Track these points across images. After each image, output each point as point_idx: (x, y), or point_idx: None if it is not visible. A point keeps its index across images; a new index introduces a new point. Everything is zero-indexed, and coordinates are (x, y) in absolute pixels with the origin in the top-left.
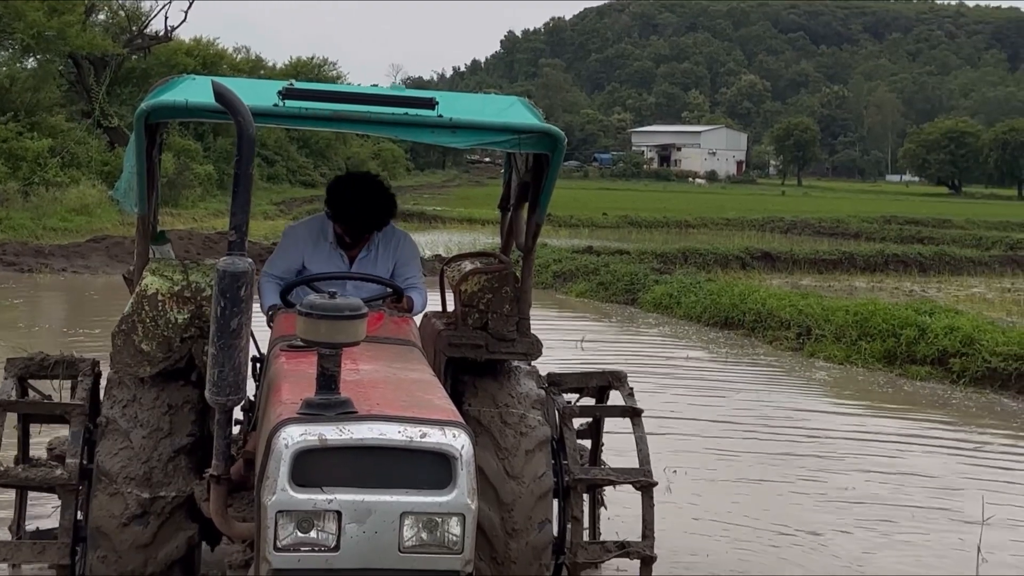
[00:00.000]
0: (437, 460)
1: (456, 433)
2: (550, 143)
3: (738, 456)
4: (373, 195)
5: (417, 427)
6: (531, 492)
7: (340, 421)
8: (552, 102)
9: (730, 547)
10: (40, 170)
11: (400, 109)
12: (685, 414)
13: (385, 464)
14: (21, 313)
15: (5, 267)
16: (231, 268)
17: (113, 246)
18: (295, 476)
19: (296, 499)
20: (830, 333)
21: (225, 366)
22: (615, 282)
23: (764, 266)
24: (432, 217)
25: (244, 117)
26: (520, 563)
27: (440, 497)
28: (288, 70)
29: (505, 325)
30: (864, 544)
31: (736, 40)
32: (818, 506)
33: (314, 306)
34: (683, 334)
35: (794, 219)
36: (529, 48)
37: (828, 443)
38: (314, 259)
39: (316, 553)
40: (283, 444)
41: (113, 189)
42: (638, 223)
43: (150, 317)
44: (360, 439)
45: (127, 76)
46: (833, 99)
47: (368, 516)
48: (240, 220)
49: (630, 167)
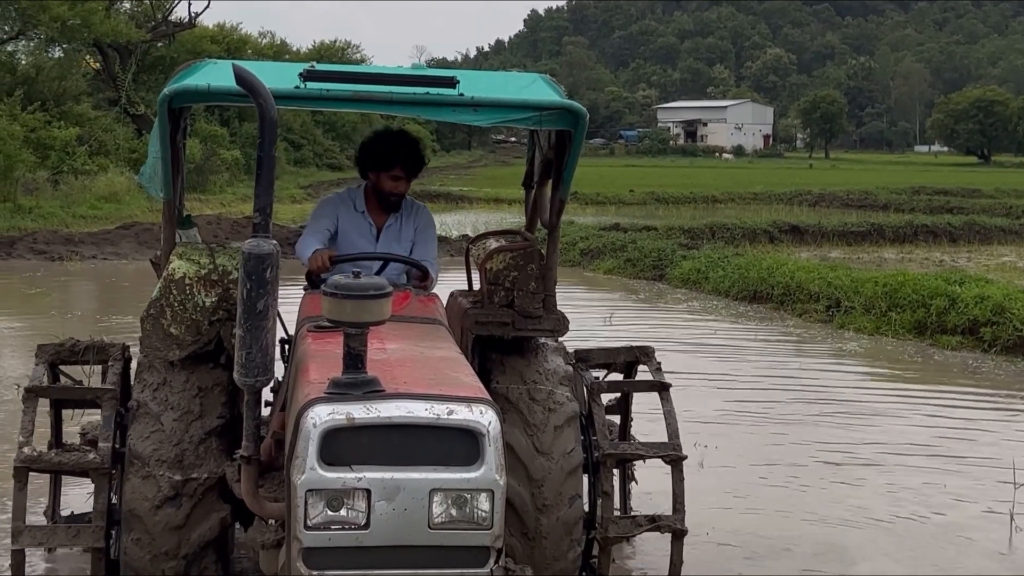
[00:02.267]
0: (465, 437)
1: (483, 410)
2: (572, 119)
3: (769, 429)
4: (406, 142)
5: (444, 404)
6: (560, 468)
7: (367, 400)
8: (576, 80)
9: (763, 522)
10: (68, 159)
11: (421, 88)
12: (715, 388)
13: (413, 442)
14: (52, 300)
15: (36, 255)
16: (256, 250)
17: (142, 232)
18: (324, 455)
19: (325, 478)
20: (860, 305)
21: (252, 347)
22: (642, 258)
23: (792, 239)
24: (458, 197)
25: (265, 100)
26: (551, 538)
27: (469, 473)
28: (312, 54)
29: (531, 302)
30: (899, 514)
31: (761, 13)
32: (853, 479)
33: (339, 286)
34: (712, 309)
35: (822, 192)
36: (552, 27)
37: (860, 415)
38: (346, 224)
39: (346, 531)
40: (311, 424)
41: (139, 174)
42: (665, 199)
43: (178, 301)
44: (388, 417)
45: (153, 64)
46: (859, 70)
47: (397, 493)
48: (264, 202)
49: (656, 143)
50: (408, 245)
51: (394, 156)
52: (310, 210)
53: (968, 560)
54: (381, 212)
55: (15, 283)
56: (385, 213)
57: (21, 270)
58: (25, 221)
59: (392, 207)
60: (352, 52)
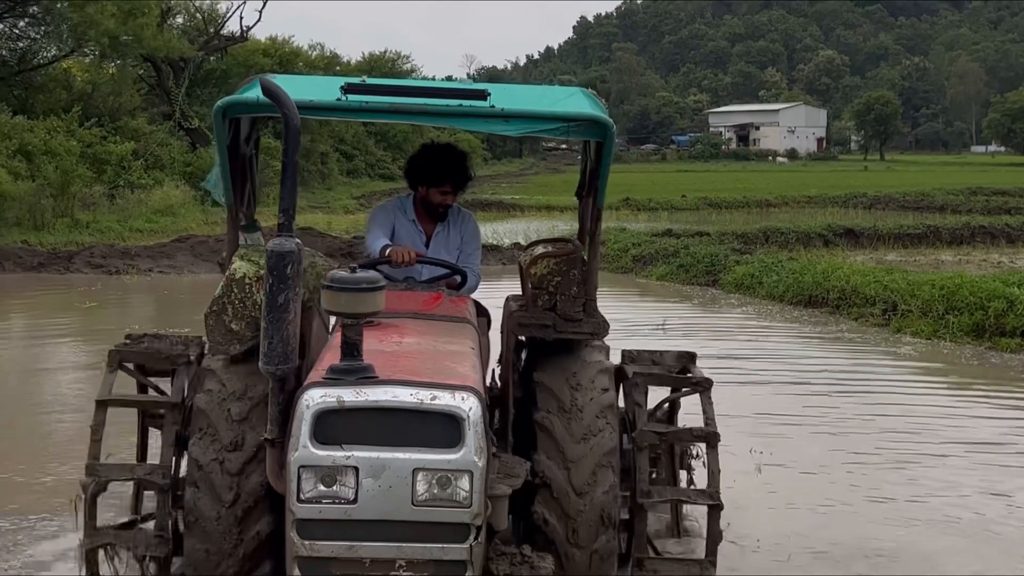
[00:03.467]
0: (447, 421)
1: (465, 396)
2: (600, 130)
3: (827, 432)
4: (453, 156)
5: (429, 391)
6: (594, 452)
7: (359, 385)
8: (626, 86)
9: (831, 524)
10: (124, 173)
11: (454, 101)
12: (772, 395)
13: (399, 424)
14: (111, 314)
15: (93, 269)
16: (279, 248)
17: (197, 245)
18: (316, 434)
19: (316, 455)
20: (916, 308)
21: (274, 338)
22: (695, 264)
23: (847, 242)
24: (510, 206)
25: (289, 110)
26: (584, 519)
27: (450, 455)
28: (362, 65)
29: (572, 306)
30: (973, 516)
31: (812, 15)
32: (909, 482)
33: (335, 279)
34: (766, 313)
35: (877, 194)
36: (602, 33)
37: (918, 418)
38: (400, 231)
39: (336, 505)
40: (305, 405)
41: (204, 180)
42: (718, 204)
43: (239, 299)
44: (375, 401)
45: (206, 77)
46: (914, 71)
47: (383, 472)
48: (287, 204)
49: (708, 148)
50: (455, 252)
51: (443, 172)
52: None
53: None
54: (429, 220)
55: (73, 296)
56: (433, 221)
57: (79, 284)
58: (83, 235)
59: (440, 217)
60: (402, 63)
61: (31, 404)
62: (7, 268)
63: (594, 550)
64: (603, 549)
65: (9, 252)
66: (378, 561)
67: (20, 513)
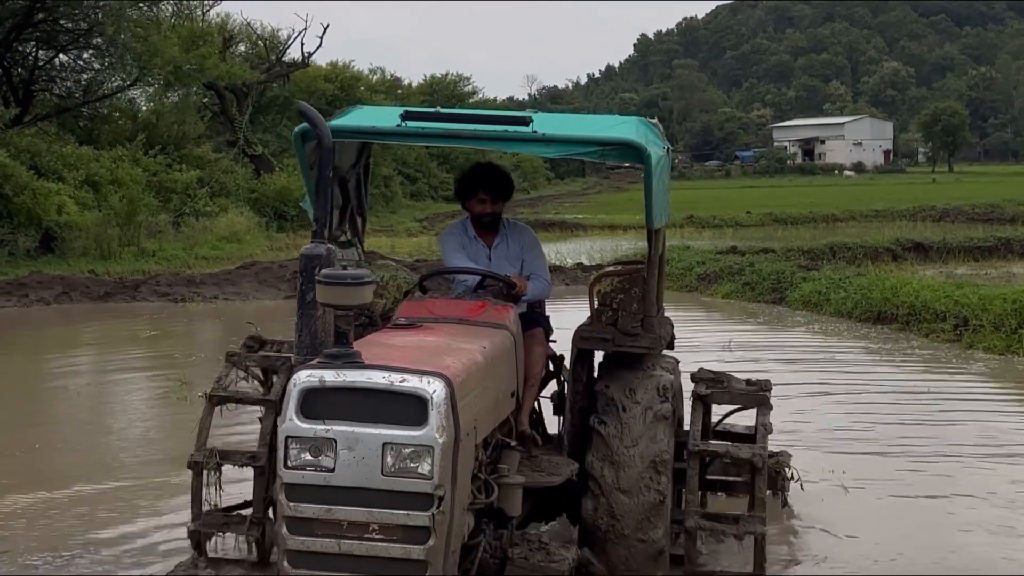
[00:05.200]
0: (413, 402)
1: (431, 380)
2: (635, 154)
3: (903, 455)
4: (485, 170)
5: (399, 374)
6: (642, 456)
7: (341, 368)
8: (688, 103)
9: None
10: (190, 201)
11: (500, 127)
12: (842, 414)
13: (372, 403)
14: (178, 341)
15: (160, 297)
16: (309, 252)
17: (261, 271)
18: (304, 410)
19: (301, 427)
20: (988, 323)
21: (303, 332)
22: (761, 281)
23: (916, 257)
24: (573, 225)
25: (322, 130)
26: (629, 518)
27: (414, 431)
28: (424, 88)
29: (631, 321)
30: None
31: (875, 27)
32: (986, 502)
33: (326, 275)
34: (834, 331)
35: (946, 207)
36: (662, 50)
37: (994, 436)
38: (466, 250)
39: (317, 472)
40: (293, 384)
41: (302, 200)
42: (783, 219)
43: None
44: (351, 382)
45: (269, 104)
46: (980, 81)
47: (357, 444)
48: (320, 213)
49: (773, 163)
50: (517, 262)
51: (476, 183)
52: (425, 243)
53: None
54: (487, 234)
55: (139, 325)
56: (490, 234)
57: (145, 312)
58: (149, 264)
59: (490, 227)
60: (463, 84)
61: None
62: (74, 298)
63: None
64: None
65: (77, 282)
66: (354, 524)
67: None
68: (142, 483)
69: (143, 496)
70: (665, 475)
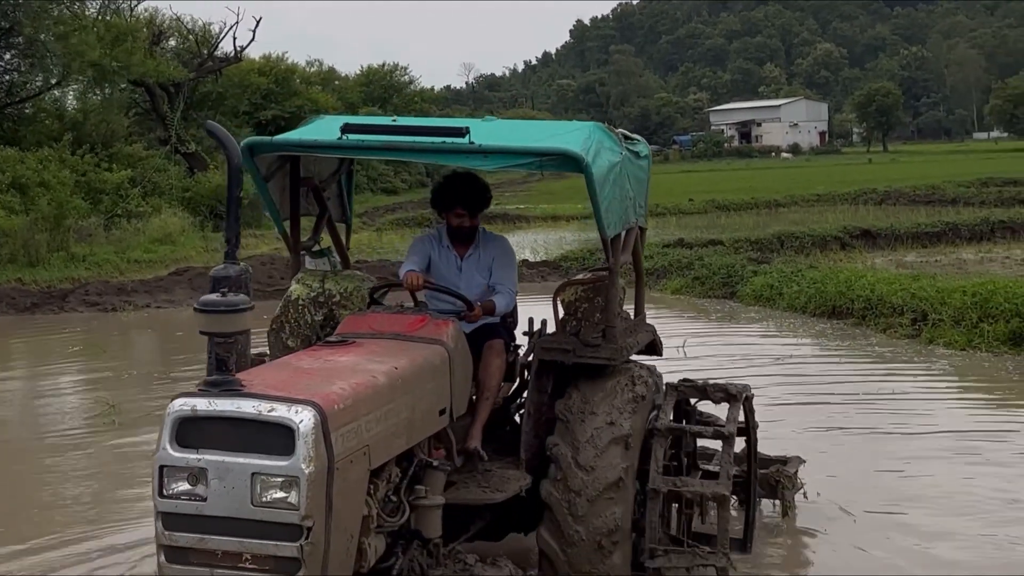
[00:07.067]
0: (281, 431)
1: (299, 410)
2: (574, 164)
3: (873, 462)
4: (462, 181)
5: (268, 403)
6: (596, 482)
7: (215, 396)
8: (625, 88)
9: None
10: (122, 201)
11: (438, 138)
12: (807, 415)
13: (243, 433)
14: (110, 357)
15: (89, 307)
16: (219, 274)
17: (196, 278)
18: (179, 438)
19: (174, 456)
20: (948, 317)
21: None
22: (711, 276)
23: (864, 244)
24: (515, 217)
25: (231, 150)
26: (583, 546)
27: (282, 462)
28: (360, 79)
29: (592, 332)
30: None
31: (808, 9)
32: (963, 507)
33: (202, 303)
34: (789, 327)
35: (887, 189)
36: (599, 36)
37: (960, 438)
38: (436, 258)
39: (191, 501)
40: (167, 412)
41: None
42: (726, 206)
43: (293, 318)
44: (222, 411)
45: (202, 100)
46: (912, 61)
47: (228, 474)
48: (231, 233)
49: (711, 147)
50: (487, 273)
51: (454, 198)
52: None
53: None
54: (461, 245)
55: (68, 338)
56: (464, 245)
57: (74, 323)
58: (79, 270)
59: (465, 239)
60: (400, 74)
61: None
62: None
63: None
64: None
65: (2, 293)
66: (228, 554)
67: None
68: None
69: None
70: (622, 502)
